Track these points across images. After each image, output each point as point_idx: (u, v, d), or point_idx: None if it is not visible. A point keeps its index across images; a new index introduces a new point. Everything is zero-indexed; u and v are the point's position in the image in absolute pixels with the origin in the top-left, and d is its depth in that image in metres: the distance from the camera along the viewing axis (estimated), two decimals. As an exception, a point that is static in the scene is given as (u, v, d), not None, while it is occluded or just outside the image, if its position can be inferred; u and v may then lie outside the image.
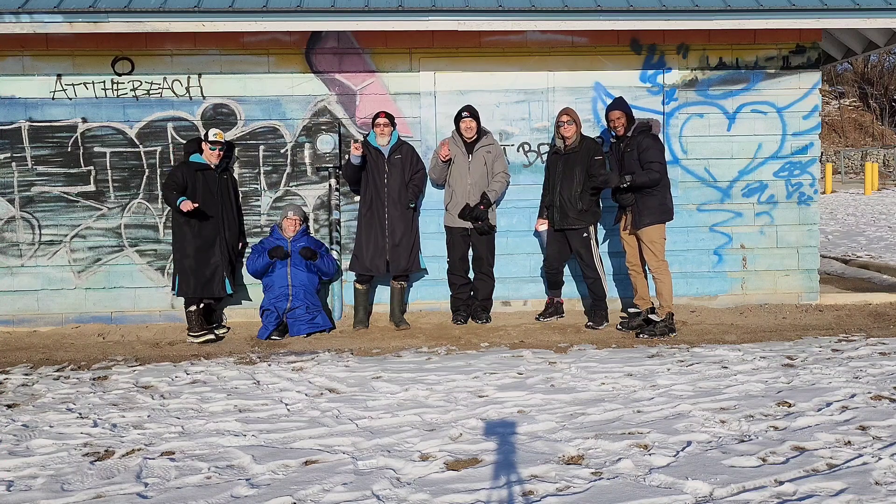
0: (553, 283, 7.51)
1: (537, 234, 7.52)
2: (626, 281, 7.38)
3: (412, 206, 7.29)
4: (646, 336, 6.75)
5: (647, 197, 6.74)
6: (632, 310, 7.13)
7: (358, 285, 7.37)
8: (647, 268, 6.98)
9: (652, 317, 6.93)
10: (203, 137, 7.06)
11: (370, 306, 7.55)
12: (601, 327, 7.14)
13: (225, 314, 7.55)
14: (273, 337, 6.95)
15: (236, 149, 7.54)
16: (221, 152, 7.04)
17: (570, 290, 7.83)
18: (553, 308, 7.53)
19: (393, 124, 7.29)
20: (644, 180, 6.66)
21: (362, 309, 7.38)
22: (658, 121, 6.92)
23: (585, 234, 7.13)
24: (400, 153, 7.24)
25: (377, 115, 7.23)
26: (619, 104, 6.91)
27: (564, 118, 7.10)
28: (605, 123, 7.79)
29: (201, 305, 7.04)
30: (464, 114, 7.22)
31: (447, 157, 7.25)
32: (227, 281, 7.03)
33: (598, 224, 7.38)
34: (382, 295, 7.73)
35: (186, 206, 6.65)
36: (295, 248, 7.17)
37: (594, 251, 7.18)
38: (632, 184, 6.67)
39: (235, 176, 7.49)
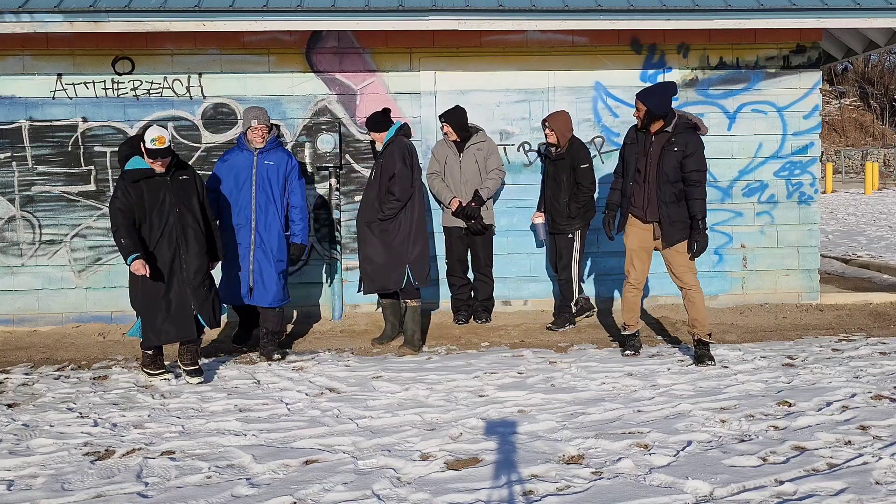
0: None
1: (533, 226, 7.50)
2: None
3: (380, 217, 6.29)
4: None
5: (677, 207, 5.78)
6: (627, 332, 6.18)
7: (381, 300, 6.79)
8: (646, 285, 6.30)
9: (706, 340, 5.96)
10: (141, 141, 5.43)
11: (398, 323, 6.67)
12: (562, 329, 7.09)
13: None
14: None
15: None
16: (164, 160, 5.39)
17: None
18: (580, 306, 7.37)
19: (378, 128, 6.39)
20: (701, 203, 5.71)
21: (389, 324, 6.67)
22: (703, 121, 6.03)
23: (570, 236, 7.08)
24: (383, 156, 6.35)
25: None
26: (643, 94, 5.83)
27: (545, 127, 7.00)
28: (605, 122, 7.83)
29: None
30: (441, 119, 7.17)
31: (456, 207, 7.21)
32: (197, 316, 5.58)
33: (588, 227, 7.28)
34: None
35: (138, 268, 5.27)
36: (261, 163, 6.15)
37: (574, 254, 7.10)
38: (703, 217, 5.74)
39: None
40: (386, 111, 6.49)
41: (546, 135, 7.02)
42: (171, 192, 5.48)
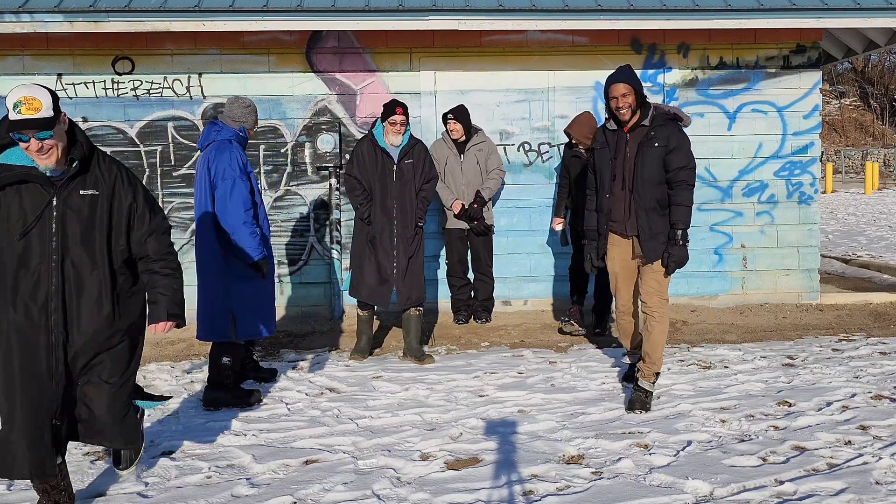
0: (579, 287, 7.10)
1: (554, 233, 7.47)
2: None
3: (420, 224, 6.02)
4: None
5: (659, 216, 4.81)
6: (630, 359, 5.31)
7: (360, 311, 6.20)
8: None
9: (651, 383, 4.89)
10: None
11: (371, 336, 6.36)
12: (608, 332, 7.02)
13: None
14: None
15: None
16: (47, 142, 3.18)
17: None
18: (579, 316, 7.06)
19: (408, 120, 5.91)
20: (685, 210, 4.76)
21: (365, 337, 6.24)
22: (686, 112, 5.31)
23: None
24: (411, 157, 5.93)
25: (392, 110, 5.79)
26: (624, 75, 4.73)
27: (571, 138, 6.81)
28: (604, 118, 7.80)
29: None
30: (449, 116, 7.10)
31: (459, 210, 7.14)
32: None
33: None
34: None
35: None
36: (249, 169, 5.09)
37: None
38: (685, 229, 4.78)
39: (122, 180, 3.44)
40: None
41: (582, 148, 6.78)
42: (57, 216, 3.19)
